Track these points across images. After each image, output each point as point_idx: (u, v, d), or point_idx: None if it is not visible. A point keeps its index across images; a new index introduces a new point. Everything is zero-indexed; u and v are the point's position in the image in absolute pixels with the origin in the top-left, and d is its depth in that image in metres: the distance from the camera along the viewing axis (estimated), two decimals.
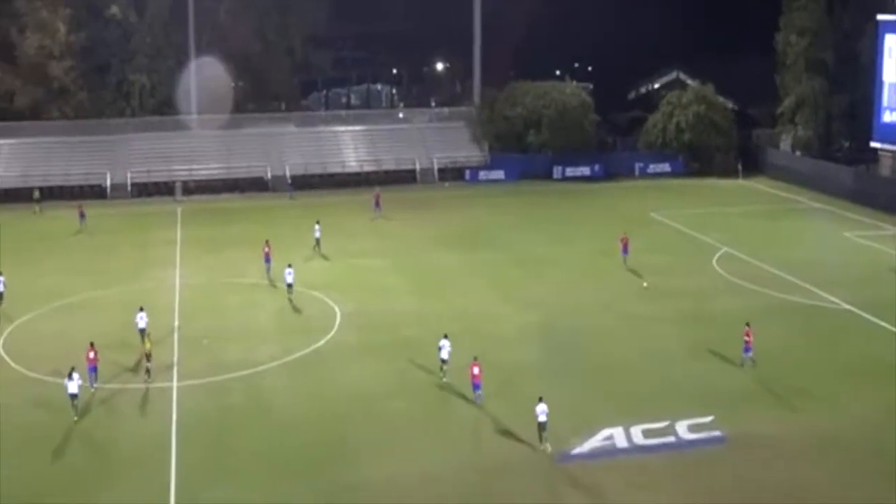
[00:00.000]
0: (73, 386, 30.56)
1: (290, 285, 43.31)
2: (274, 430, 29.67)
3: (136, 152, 76.83)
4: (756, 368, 33.55)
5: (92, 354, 32.97)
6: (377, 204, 63.60)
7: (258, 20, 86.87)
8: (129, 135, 78.44)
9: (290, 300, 43.11)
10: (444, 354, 33.17)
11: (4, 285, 43.32)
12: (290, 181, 73.69)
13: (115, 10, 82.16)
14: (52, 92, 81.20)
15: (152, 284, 46.26)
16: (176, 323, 39.81)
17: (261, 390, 32.84)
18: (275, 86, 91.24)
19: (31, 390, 32.99)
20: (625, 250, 48.34)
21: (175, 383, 33.14)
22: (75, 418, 30.39)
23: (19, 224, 59.14)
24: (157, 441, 28.73)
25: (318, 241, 52.30)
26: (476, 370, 31.24)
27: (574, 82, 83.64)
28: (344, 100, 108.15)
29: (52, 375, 33.71)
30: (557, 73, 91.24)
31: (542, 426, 28.00)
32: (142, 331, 36.82)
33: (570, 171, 77.76)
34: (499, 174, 77.37)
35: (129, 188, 73.33)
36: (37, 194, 68.96)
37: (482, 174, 77.46)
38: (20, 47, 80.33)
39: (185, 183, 73.29)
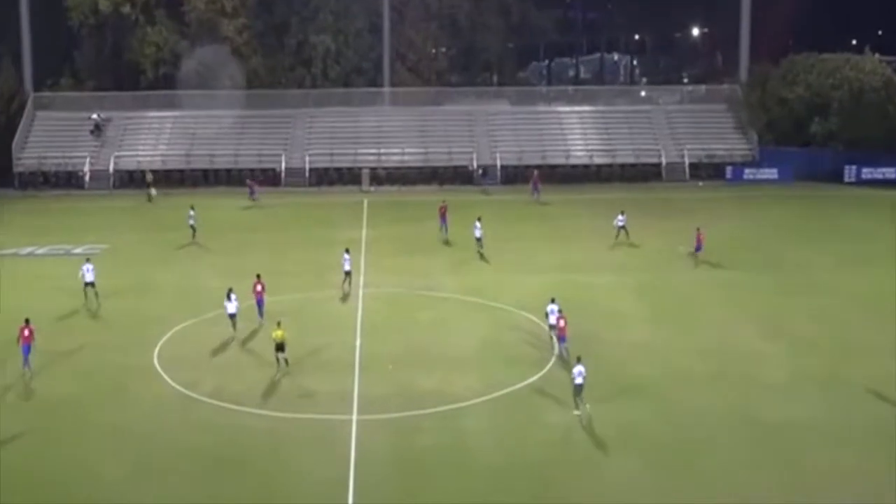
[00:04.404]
0: (231, 307, 41.03)
1: (478, 239, 54.15)
2: (471, 482, 30.00)
3: (316, 131, 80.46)
4: None
5: (259, 287, 42.80)
6: (535, 187, 68.51)
7: None
8: (308, 109, 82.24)
9: (480, 252, 53.45)
10: (552, 320, 39.39)
11: (194, 219, 57.73)
12: (481, 171, 74.67)
13: None
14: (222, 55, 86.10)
15: (331, 293, 48.09)
16: (357, 342, 41.19)
17: (457, 432, 33.32)
18: (485, 53, 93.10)
19: (188, 412, 35.02)
20: (698, 247, 52.59)
21: (355, 416, 34.21)
22: (235, 333, 41.00)
23: (183, 213, 62.80)
24: (332, 483, 29.68)
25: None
26: (562, 323, 38.57)
27: (876, 56, 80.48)
28: (571, 72, 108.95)
29: (212, 396, 35.72)
30: (853, 42, 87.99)
31: (577, 389, 33.31)
32: (347, 273, 47.32)
33: (867, 173, 74.96)
34: (770, 173, 75.50)
35: (307, 174, 76.89)
36: (150, 177, 73.10)
37: (748, 172, 75.85)
38: (189, 1, 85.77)
39: (373, 170, 76.11)
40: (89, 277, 46.36)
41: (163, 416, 34.57)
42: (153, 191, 72.25)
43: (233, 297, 41.32)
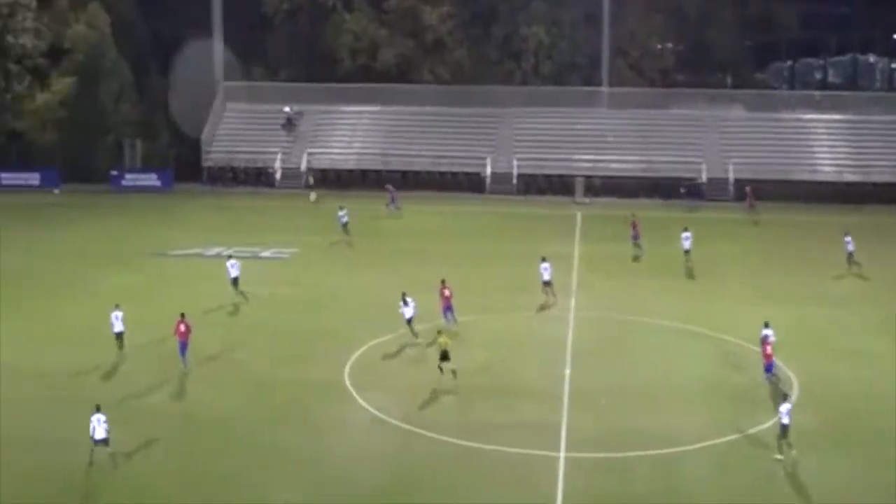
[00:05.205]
0: (407, 311, 43.29)
1: (687, 251, 55.83)
2: None
3: (525, 133, 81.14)
4: None
5: (447, 293, 45.20)
6: (750, 204, 68.98)
7: None
8: (517, 108, 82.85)
9: (689, 267, 54.13)
10: (770, 342, 39.58)
11: (348, 215, 62.64)
12: (683, 189, 73.88)
13: None
14: (423, 46, 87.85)
15: (537, 315, 48.65)
16: (567, 371, 41.39)
17: (675, 478, 33.02)
18: (718, 51, 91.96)
19: (376, 436, 35.80)
20: None
21: (562, 453, 34.36)
22: (418, 340, 43.19)
23: (372, 219, 64.93)
24: None
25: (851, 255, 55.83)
26: (769, 349, 39.03)
27: None
28: (818, 75, 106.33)
29: (404, 420, 36.47)
30: None
31: (783, 430, 32.98)
32: (546, 283, 49.43)
33: None
34: None
35: (514, 181, 77.61)
36: (311, 179, 75.41)
37: None
38: None
39: (588, 179, 76.18)
40: (234, 273, 50.01)
41: (344, 440, 35.50)
42: (313, 194, 74.54)
43: (409, 300, 43.60)
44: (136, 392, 38.72)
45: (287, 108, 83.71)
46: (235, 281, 50.03)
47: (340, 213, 63.10)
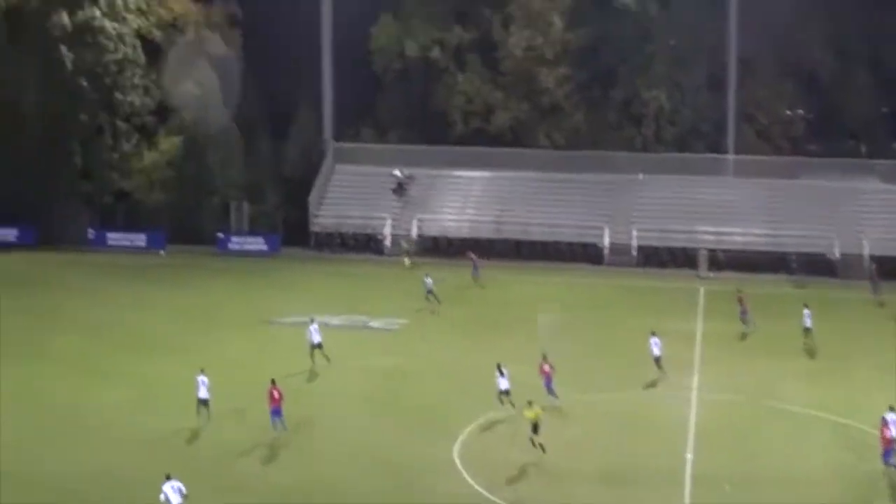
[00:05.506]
0: (503, 383, 44.26)
1: (807, 329, 55.73)
2: None
3: (645, 202, 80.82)
4: None
5: (547, 368, 45.76)
6: (874, 283, 68.43)
7: (832, 22, 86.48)
8: (637, 176, 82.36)
9: (808, 344, 54.92)
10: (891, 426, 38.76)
11: (434, 284, 64.12)
12: (794, 263, 72.82)
13: None
14: (539, 109, 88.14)
15: (656, 394, 48.40)
16: (689, 455, 40.96)
17: None
18: (851, 118, 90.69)
19: None
20: None
21: None
22: (511, 411, 43.36)
23: (470, 288, 64.69)
24: None
25: None
26: (888, 433, 37.96)
27: None
28: None
29: None
30: None
31: None
32: (657, 359, 49.77)
33: None
34: None
35: (633, 252, 77.18)
36: (405, 245, 77.00)
37: None
38: (504, 47, 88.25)
39: (712, 252, 75.53)
40: (316, 339, 50.92)
41: None
42: (407, 260, 75.08)
43: (505, 371, 44.65)
44: (225, 459, 39.57)
45: (398, 172, 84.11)
46: (318, 346, 50.78)
47: (427, 281, 64.07)
